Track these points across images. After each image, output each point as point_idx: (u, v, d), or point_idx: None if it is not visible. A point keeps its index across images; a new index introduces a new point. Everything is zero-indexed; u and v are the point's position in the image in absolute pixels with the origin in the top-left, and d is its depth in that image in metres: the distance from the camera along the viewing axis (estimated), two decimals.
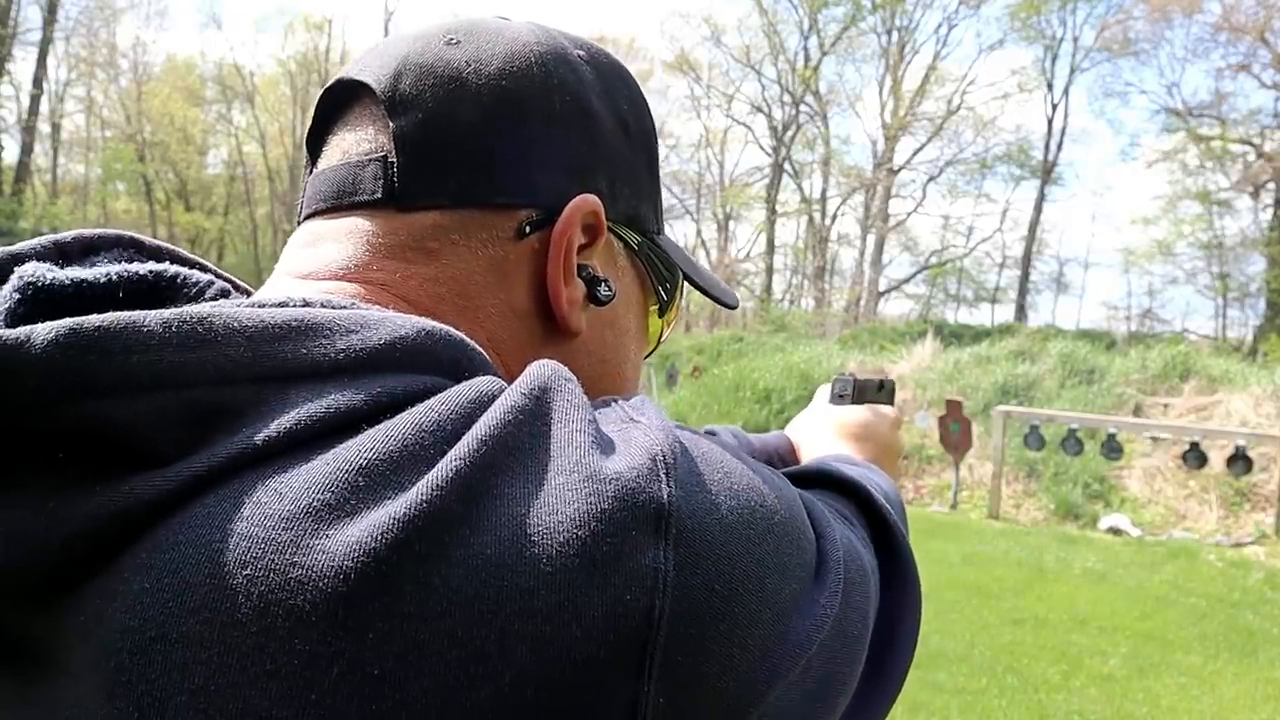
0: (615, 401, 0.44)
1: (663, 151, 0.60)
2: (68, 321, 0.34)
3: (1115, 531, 8.13)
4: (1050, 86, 30.39)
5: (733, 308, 0.68)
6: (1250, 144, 26.59)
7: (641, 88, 0.59)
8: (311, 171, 0.53)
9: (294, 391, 0.37)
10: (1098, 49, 29.77)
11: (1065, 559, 6.89)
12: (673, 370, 14.60)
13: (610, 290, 0.52)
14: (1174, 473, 8.86)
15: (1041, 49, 30.58)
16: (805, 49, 32.48)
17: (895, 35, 31.92)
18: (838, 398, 0.88)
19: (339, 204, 0.50)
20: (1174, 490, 8.88)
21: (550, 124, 0.51)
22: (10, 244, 0.44)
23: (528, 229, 0.50)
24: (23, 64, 29.10)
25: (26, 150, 29.08)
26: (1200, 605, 5.82)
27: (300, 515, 0.33)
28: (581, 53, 0.54)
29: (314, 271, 0.49)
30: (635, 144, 0.56)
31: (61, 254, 0.44)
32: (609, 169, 0.53)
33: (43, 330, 0.34)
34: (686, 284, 0.63)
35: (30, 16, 29.14)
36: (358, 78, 0.51)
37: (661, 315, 0.62)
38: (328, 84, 0.53)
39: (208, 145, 37.25)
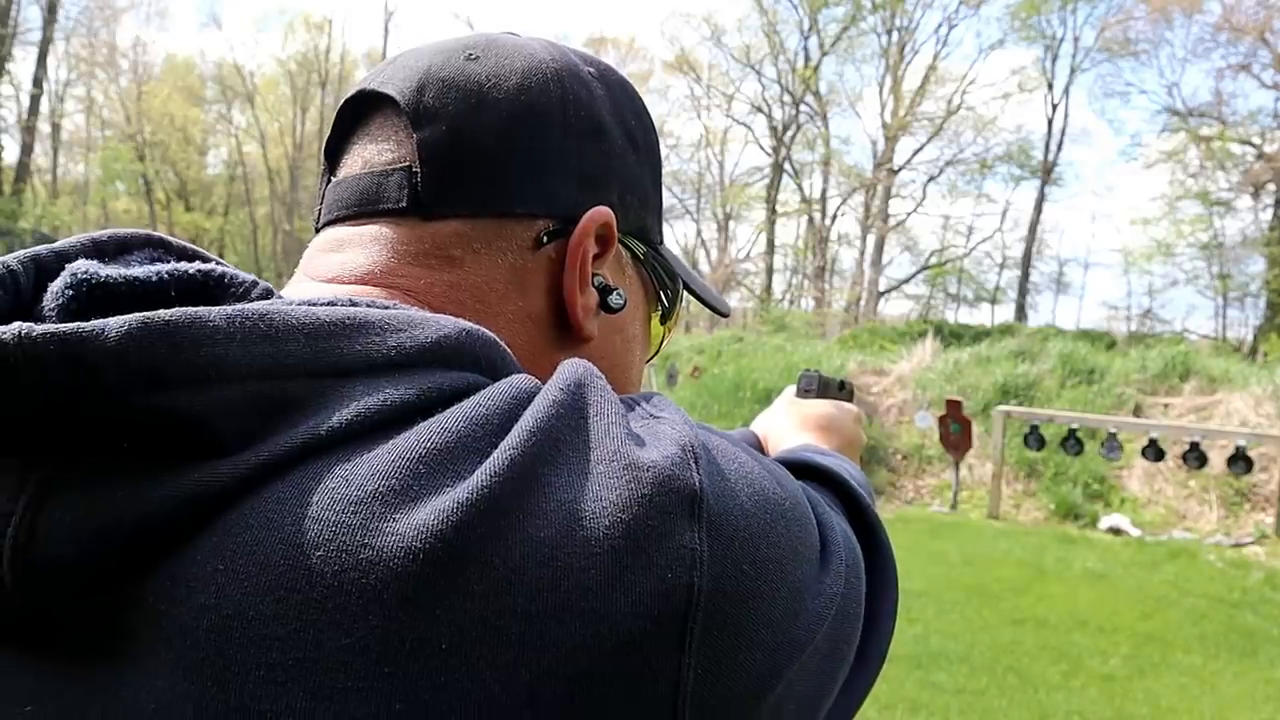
0: (638, 399, 0.46)
1: (663, 151, 0.62)
2: (139, 315, 0.36)
3: (1115, 531, 8.13)
4: (1050, 86, 30.41)
5: (725, 315, 0.71)
6: (1250, 144, 26.60)
7: (644, 101, 0.61)
8: (330, 180, 0.55)
9: (350, 385, 0.39)
10: (1098, 49, 29.80)
11: (1065, 559, 6.89)
12: (673, 370, 14.60)
13: (621, 299, 0.55)
14: (1174, 473, 8.86)
15: (1042, 49, 30.63)
16: (805, 49, 32.51)
17: (895, 35, 31.94)
18: (803, 392, 0.91)
19: (362, 211, 0.52)
20: (1174, 490, 8.88)
21: (566, 137, 0.53)
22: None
23: (545, 239, 0.52)
24: (23, 64, 29.15)
25: (26, 150, 29.05)
26: (1200, 605, 5.82)
27: (368, 499, 0.35)
28: (592, 69, 0.56)
29: (338, 276, 0.50)
30: (642, 158, 0.58)
31: (98, 252, 0.45)
32: (619, 181, 0.56)
33: (115, 323, 0.35)
34: (685, 292, 0.65)
35: (30, 16, 29.21)
36: (380, 90, 0.52)
37: (663, 322, 0.64)
38: (347, 94, 0.55)
39: (208, 145, 37.27)
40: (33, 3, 28.70)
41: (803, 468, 0.64)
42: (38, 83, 28.93)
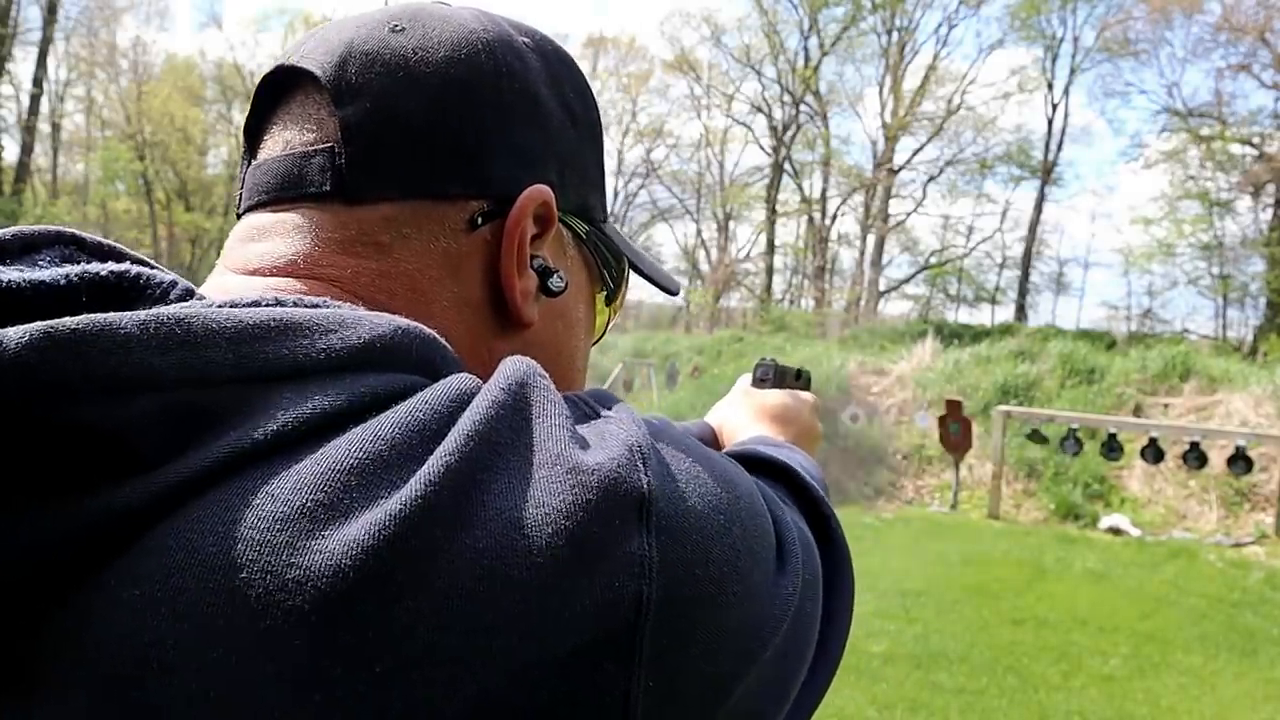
0: (584, 398, 0.44)
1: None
2: (41, 325, 0.33)
3: (1115, 531, 8.13)
4: (1050, 86, 30.39)
5: (675, 293, 0.67)
6: (1250, 145, 26.60)
7: (586, 76, 0.58)
8: (250, 162, 0.51)
9: (276, 392, 0.36)
10: (1098, 49, 29.78)
11: (1065, 559, 6.89)
12: (673, 370, 14.59)
13: (562, 281, 0.52)
14: (1174, 473, 8.86)
15: (1041, 49, 30.62)
16: (805, 49, 32.50)
17: (895, 35, 31.93)
18: (759, 381, 0.89)
19: (283, 196, 0.49)
20: (1174, 490, 8.88)
21: (500, 113, 0.50)
22: None
23: (480, 220, 0.49)
24: (23, 64, 29.14)
25: (26, 150, 29.06)
26: (1200, 605, 5.82)
27: (294, 516, 0.33)
28: (527, 40, 0.53)
29: (260, 267, 0.47)
30: (582, 132, 0.55)
31: (0, 252, 0.42)
32: (558, 158, 0.52)
33: (15, 333, 0.33)
34: (632, 271, 0.63)
35: (30, 16, 29.17)
36: (300, 65, 0.49)
37: (609, 304, 0.61)
38: (266, 71, 0.51)
39: (208, 145, 37.24)
40: (33, 3, 28.75)
41: (755, 462, 0.61)
42: (38, 83, 28.95)
